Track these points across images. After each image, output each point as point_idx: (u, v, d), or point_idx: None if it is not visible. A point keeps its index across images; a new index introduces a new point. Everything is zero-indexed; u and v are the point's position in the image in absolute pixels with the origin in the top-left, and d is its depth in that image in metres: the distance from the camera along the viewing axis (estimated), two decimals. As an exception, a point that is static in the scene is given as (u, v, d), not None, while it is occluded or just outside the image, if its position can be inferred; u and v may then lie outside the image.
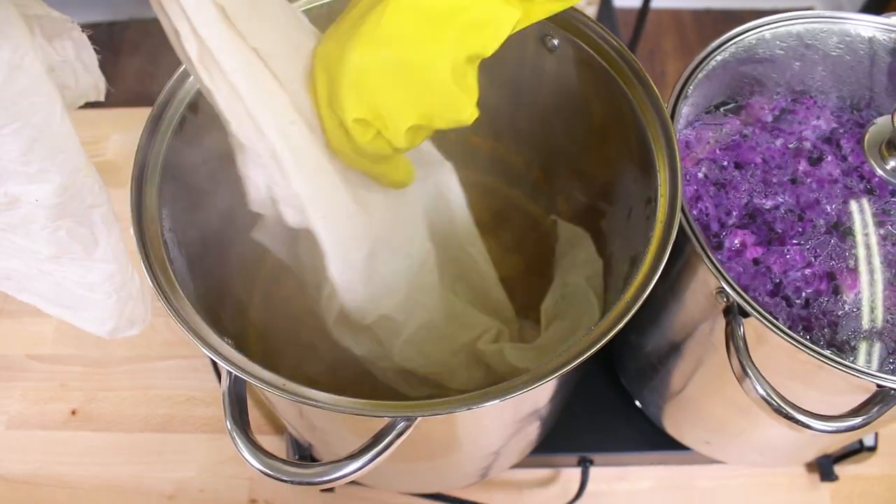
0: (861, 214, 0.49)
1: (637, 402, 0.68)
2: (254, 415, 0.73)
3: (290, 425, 0.59)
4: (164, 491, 0.70)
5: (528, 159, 0.64)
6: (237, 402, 0.39)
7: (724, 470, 0.70)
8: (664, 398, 0.62)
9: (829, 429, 0.42)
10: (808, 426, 0.42)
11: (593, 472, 0.68)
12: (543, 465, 0.70)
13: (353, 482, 0.49)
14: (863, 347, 0.46)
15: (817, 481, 0.70)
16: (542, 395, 0.48)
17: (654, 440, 0.67)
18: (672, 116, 0.49)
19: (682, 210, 0.45)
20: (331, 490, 0.69)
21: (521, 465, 0.67)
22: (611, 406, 0.68)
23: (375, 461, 0.37)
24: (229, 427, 0.38)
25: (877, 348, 0.46)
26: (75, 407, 0.74)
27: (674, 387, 0.59)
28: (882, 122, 0.49)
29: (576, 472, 0.68)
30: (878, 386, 0.42)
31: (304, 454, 0.65)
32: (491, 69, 0.56)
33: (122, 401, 0.75)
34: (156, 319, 0.78)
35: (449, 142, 0.64)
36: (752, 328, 0.44)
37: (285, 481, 0.36)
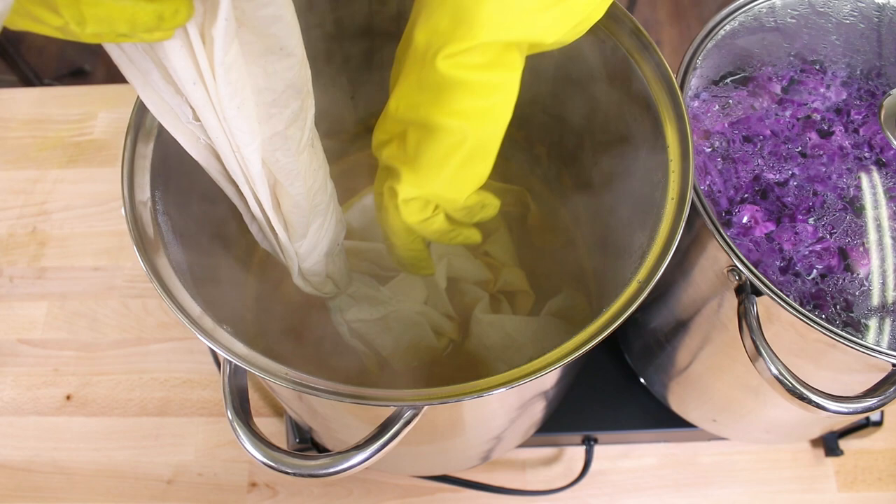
0: (872, 189, 0.48)
1: (642, 380, 0.67)
2: (252, 397, 0.72)
3: (290, 409, 0.57)
4: (162, 475, 0.69)
5: (530, 134, 0.62)
6: (238, 392, 0.38)
7: (728, 446, 0.70)
8: (670, 376, 0.61)
9: (844, 410, 0.41)
10: (822, 407, 0.41)
11: (597, 450, 0.68)
12: (547, 445, 0.70)
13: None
14: (876, 326, 0.45)
15: (822, 456, 0.70)
16: (548, 380, 0.47)
17: (659, 418, 0.66)
18: (681, 88, 0.48)
19: (694, 187, 0.43)
20: (332, 473, 0.68)
21: (525, 444, 0.66)
22: (616, 384, 0.68)
23: (382, 451, 0.36)
24: (230, 417, 0.37)
25: (891, 326, 0.45)
26: (70, 392, 0.73)
27: (680, 364, 0.58)
28: (898, 93, 0.48)
29: (580, 451, 0.68)
30: (894, 365, 0.41)
31: (304, 437, 0.64)
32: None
33: (117, 385, 0.73)
34: (149, 301, 0.77)
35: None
36: (763, 306, 0.43)
37: (289, 474, 0.35)
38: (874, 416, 0.65)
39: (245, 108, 0.33)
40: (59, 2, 0.25)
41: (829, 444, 0.68)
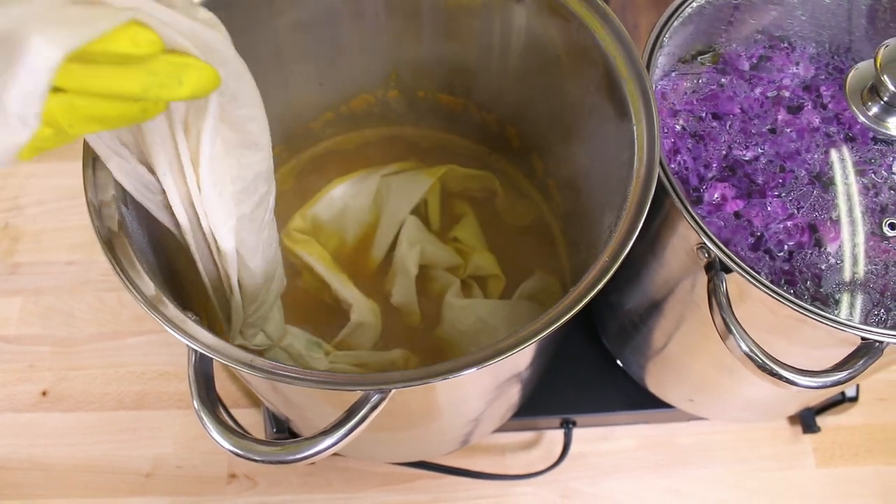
0: (842, 163, 0.48)
1: (619, 362, 0.67)
2: (230, 389, 0.72)
3: (265, 399, 0.57)
4: (141, 469, 0.69)
5: (500, 116, 0.62)
6: (204, 381, 0.37)
7: (707, 426, 0.70)
8: (646, 357, 0.61)
9: (815, 384, 0.41)
10: (793, 382, 0.41)
11: (576, 433, 0.68)
12: (526, 429, 0.69)
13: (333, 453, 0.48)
14: (846, 300, 0.45)
15: (800, 433, 0.70)
16: (521, 360, 0.47)
17: (637, 399, 0.66)
18: (648, 67, 0.48)
19: (661, 165, 0.43)
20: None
21: (503, 429, 0.66)
22: (592, 367, 0.67)
23: (350, 436, 0.35)
24: (196, 407, 0.36)
25: (861, 300, 0.45)
26: (45, 388, 0.72)
27: (656, 345, 0.58)
28: (864, 67, 0.48)
29: (559, 434, 0.68)
30: (863, 339, 0.41)
31: (282, 427, 0.64)
32: (459, 23, 0.54)
33: (93, 379, 0.73)
34: (124, 295, 0.77)
35: (417, 100, 0.62)
36: (734, 283, 0.43)
37: (257, 461, 0.35)
38: (850, 391, 0.65)
39: (224, 195, 0.38)
40: (56, 111, 0.26)
41: (807, 421, 0.69)
